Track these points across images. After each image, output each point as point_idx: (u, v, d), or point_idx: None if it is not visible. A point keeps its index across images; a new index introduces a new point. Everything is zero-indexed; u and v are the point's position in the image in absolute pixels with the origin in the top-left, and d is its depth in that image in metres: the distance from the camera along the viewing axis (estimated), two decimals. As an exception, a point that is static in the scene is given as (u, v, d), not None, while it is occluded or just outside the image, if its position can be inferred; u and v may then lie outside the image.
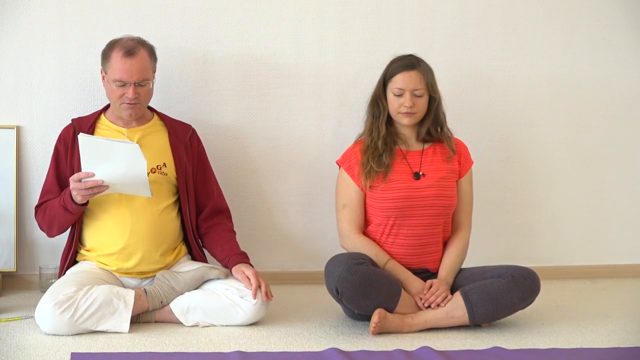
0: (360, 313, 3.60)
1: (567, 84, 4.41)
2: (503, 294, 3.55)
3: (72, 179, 3.52)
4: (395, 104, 3.70)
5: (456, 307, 3.57)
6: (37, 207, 3.77)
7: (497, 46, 4.34)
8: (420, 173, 3.72)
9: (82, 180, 3.49)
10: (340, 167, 3.81)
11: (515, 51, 4.36)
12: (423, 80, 3.69)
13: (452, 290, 3.64)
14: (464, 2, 4.31)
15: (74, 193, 3.53)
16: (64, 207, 3.59)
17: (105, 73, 3.69)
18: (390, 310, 3.55)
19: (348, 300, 3.52)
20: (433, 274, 3.75)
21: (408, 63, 3.71)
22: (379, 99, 3.76)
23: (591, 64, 4.41)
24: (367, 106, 3.81)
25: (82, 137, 3.48)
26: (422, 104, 3.71)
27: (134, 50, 3.65)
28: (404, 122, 3.72)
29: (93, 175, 3.48)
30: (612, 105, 4.44)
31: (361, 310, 3.56)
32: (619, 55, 4.41)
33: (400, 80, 3.69)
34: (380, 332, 3.51)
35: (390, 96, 3.72)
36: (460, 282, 3.68)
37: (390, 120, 3.77)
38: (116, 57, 3.64)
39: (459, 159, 3.79)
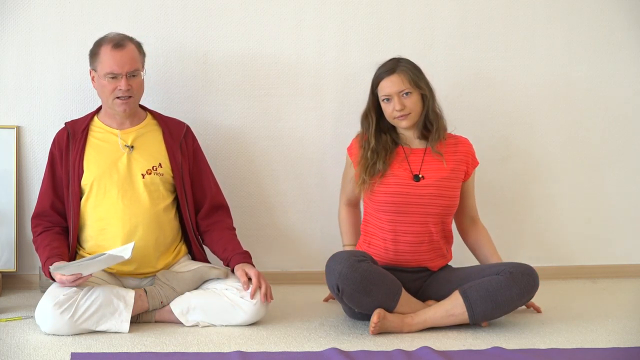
0: (360, 312, 3.60)
1: (567, 83, 4.41)
2: (502, 290, 3.55)
3: (59, 280, 3.48)
4: (388, 110, 3.74)
5: (455, 306, 3.57)
6: (33, 218, 3.76)
7: (497, 46, 4.34)
8: (420, 176, 3.73)
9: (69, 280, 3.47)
10: (347, 152, 3.89)
11: (516, 51, 4.36)
12: (406, 80, 3.71)
13: (451, 290, 3.64)
14: (464, 2, 4.31)
15: (54, 276, 3.51)
16: (43, 263, 3.60)
17: (95, 70, 3.70)
18: (391, 309, 3.55)
19: (348, 297, 3.52)
20: (432, 273, 3.75)
21: (387, 68, 3.74)
22: (369, 112, 3.81)
23: (591, 64, 4.41)
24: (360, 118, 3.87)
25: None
26: (412, 102, 3.72)
27: (122, 42, 3.68)
28: (403, 126, 3.74)
29: (80, 275, 3.46)
30: (612, 105, 4.44)
31: (361, 308, 3.56)
32: (618, 55, 4.41)
33: (384, 87, 3.73)
34: (380, 332, 3.51)
35: (382, 105, 3.76)
36: (458, 281, 3.68)
37: (386, 127, 3.80)
38: (105, 51, 3.66)
39: (466, 159, 3.81)
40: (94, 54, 3.71)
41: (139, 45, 3.74)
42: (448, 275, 3.74)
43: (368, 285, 3.50)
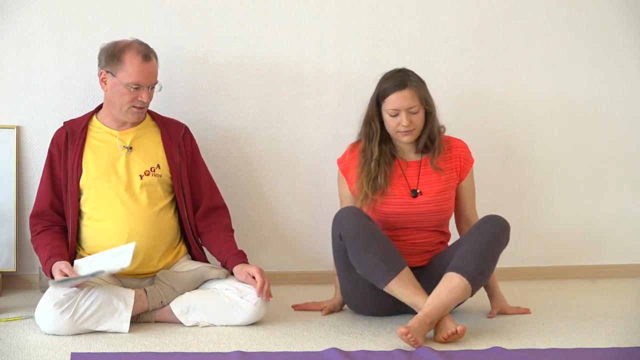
0: (359, 270, 3.51)
1: (567, 83, 4.41)
2: (477, 240, 3.51)
3: (58, 279, 3.47)
4: (393, 124, 3.67)
5: (450, 279, 3.47)
6: (32, 218, 3.75)
7: (497, 46, 4.34)
8: (418, 191, 3.71)
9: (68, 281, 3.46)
10: (338, 166, 3.82)
11: (516, 51, 4.36)
12: (416, 97, 3.64)
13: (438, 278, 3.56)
14: (464, 2, 4.31)
15: (55, 275, 3.51)
16: (44, 263, 3.59)
17: (114, 75, 3.66)
18: (389, 279, 3.47)
19: (350, 245, 3.48)
20: (423, 267, 3.73)
21: (399, 82, 3.65)
22: (372, 120, 3.71)
23: (591, 63, 4.41)
24: (359, 125, 3.77)
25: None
26: (419, 119, 3.67)
27: (150, 55, 3.67)
28: (404, 140, 3.68)
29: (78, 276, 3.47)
30: (612, 105, 4.45)
31: (360, 267, 3.49)
32: (618, 55, 4.41)
33: (393, 101, 3.64)
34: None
35: (386, 117, 3.68)
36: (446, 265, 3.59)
37: (386, 137, 3.73)
38: (133, 60, 3.63)
39: (458, 161, 3.77)
40: (116, 58, 3.64)
41: (156, 56, 3.74)
42: (437, 264, 3.67)
43: (371, 238, 3.47)
